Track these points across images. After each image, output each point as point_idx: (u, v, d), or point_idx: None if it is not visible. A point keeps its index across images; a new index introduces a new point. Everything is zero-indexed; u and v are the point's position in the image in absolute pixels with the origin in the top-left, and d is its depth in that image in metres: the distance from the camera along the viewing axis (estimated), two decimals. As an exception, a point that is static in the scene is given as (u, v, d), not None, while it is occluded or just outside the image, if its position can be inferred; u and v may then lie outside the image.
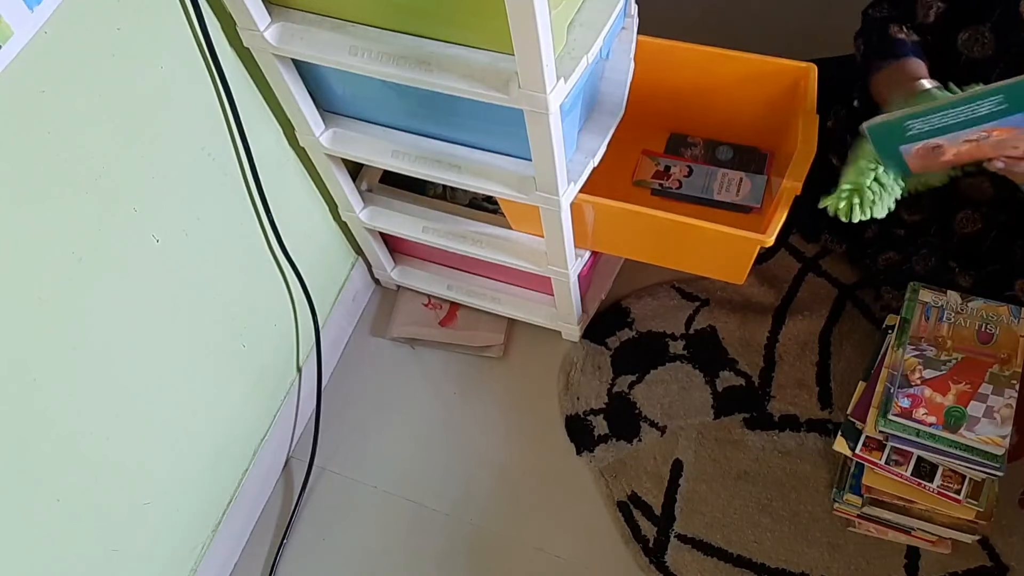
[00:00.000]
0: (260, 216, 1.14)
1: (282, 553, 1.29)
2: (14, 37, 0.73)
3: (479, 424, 1.36)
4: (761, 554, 1.21)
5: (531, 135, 0.92)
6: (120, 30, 0.85)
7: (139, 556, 1.10)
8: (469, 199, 1.30)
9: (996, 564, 1.16)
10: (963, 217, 1.19)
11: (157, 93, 0.92)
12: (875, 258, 1.30)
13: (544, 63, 0.80)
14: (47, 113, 0.79)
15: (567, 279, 1.21)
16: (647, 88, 1.18)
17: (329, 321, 1.39)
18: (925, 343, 1.07)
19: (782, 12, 1.64)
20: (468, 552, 1.27)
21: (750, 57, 1.15)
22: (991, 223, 1.17)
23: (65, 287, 0.87)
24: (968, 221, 1.19)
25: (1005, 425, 0.99)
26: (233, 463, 1.26)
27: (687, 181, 1.25)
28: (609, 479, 1.28)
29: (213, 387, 1.16)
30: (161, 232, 0.98)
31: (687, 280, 1.43)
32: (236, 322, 1.17)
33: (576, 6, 0.90)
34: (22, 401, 0.86)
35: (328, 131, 1.10)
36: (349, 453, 1.36)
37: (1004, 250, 1.17)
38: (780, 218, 1.03)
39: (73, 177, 0.85)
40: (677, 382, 1.35)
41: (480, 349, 1.42)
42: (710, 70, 1.18)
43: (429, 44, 0.90)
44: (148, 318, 1.00)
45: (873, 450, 1.06)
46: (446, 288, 1.41)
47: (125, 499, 1.05)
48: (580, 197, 1.06)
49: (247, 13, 0.91)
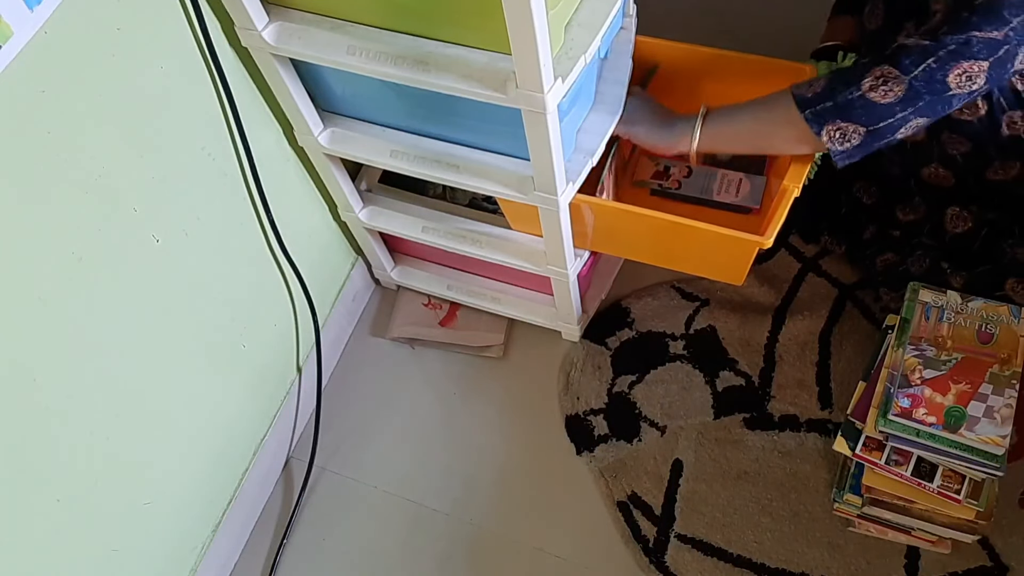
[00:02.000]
0: (260, 216, 1.14)
1: (282, 553, 1.29)
2: (14, 37, 0.73)
3: (479, 424, 1.37)
4: (761, 554, 1.20)
5: (529, 135, 0.92)
6: (120, 30, 0.85)
7: (139, 556, 1.10)
8: (469, 199, 1.30)
9: (996, 564, 1.16)
10: (952, 215, 1.19)
11: (157, 93, 0.92)
12: (873, 259, 1.30)
13: (542, 63, 0.81)
14: (47, 113, 0.80)
15: (566, 279, 1.21)
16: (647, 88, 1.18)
17: (329, 321, 1.40)
18: (925, 343, 1.07)
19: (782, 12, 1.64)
20: (468, 552, 1.27)
21: (750, 57, 1.15)
22: (980, 222, 1.18)
23: (65, 287, 0.87)
24: (958, 220, 1.19)
25: (1005, 425, 0.99)
26: (233, 463, 1.26)
27: (686, 182, 1.25)
28: (609, 479, 1.28)
29: (213, 387, 1.16)
30: (161, 232, 0.98)
31: (687, 280, 1.42)
32: (236, 322, 1.17)
33: (574, 6, 0.90)
34: (22, 401, 0.86)
35: (327, 131, 1.10)
36: (349, 453, 1.37)
37: (994, 250, 1.17)
38: (779, 220, 1.03)
39: (73, 177, 0.85)
40: (677, 382, 1.35)
41: (480, 349, 1.42)
42: (710, 70, 1.18)
43: (427, 44, 0.90)
44: (148, 318, 1.01)
45: (873, 450, 1.06)
46: (446, 288, 1.41)
47: (125, 499, 1.05)
48: (578, 197, 1.06)
49: (245, 13, 0.91)
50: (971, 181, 1.15)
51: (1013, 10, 0.88)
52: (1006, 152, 1.10)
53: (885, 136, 0.98)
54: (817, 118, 0.98)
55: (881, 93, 0.94)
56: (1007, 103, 1.04)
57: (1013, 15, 0.89)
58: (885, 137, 0.98)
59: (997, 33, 0.89)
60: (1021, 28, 0.89)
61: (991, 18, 0.89)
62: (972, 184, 1.16)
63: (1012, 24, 0.89)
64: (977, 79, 0.92)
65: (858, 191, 1.31)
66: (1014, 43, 0.90)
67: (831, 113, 0.97)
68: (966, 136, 1.10)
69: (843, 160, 1.01)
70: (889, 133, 0.97)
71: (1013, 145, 1.08)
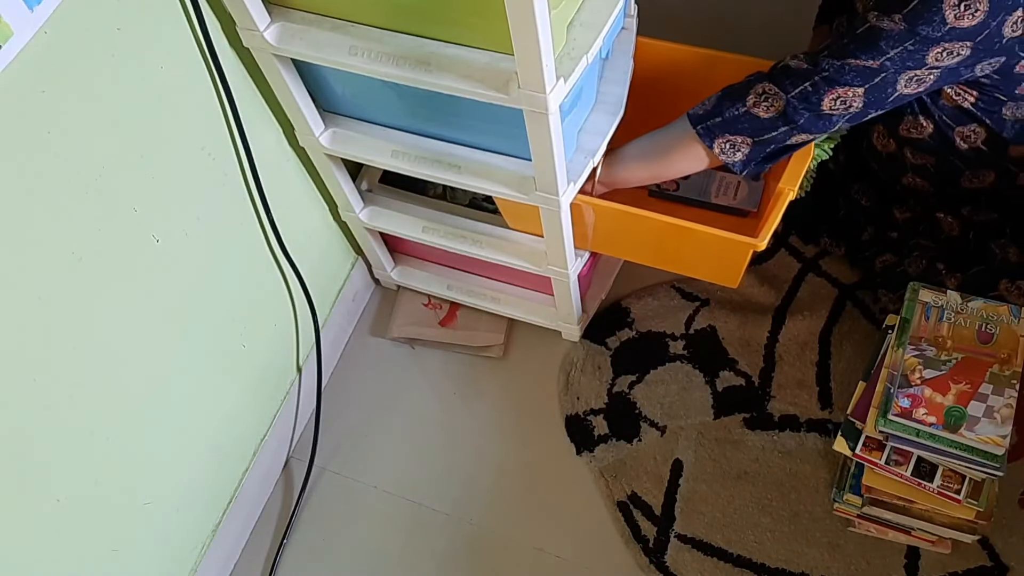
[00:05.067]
0: (260, 216, 1.14)
1: (282, 553, 1.29)
2: (14, 37, 0.73)
3: (479, 424, 1.36)
4: (761, 554, 1.21)
5: (531, 135, 0.92)
6: (120, 30, 0.85)
7: (139, 556, 1.10)
8: (469, 199, 1.30)
9: (996, 564, 1.16)
10: (942, 219, 1.20)
11: (157, 93, 0.92)
12: (872, 260, 1.30)
13: (544, 63, 0.80)
14: (47, 113, 0.79)
15: (567, 279, 1.21)
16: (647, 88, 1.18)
17: (329, 321, 1.39)
18: (925, 343, 1.07)
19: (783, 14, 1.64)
20: (468, 552, 1.27)
21: (750, 60, 1.14)
22: (969, 224, 1.18)
23: (65, 287, 0.87)
24: (947, 224, 1.20)
25: (1005, 425, 0.99)
26: (233, 463, 1.26)
27: (684, 183, 1.25)
28: (609, 479, 1.28)
29: (213, 387, 1.16)
30: (161, 232, 0.98)
31: (687, 280, 1.43)
32: (236, 322, 1.17)
33: (576, 6, 0.90)
34: (22, 401, 0.86)
35: (328, 131, 1.10)
36: (349, 453, 1.37)
37: (986, 251, 1.18)
38: (773, 222, 1.03)
39: (73, 177, 0.85)
40: (677, 382, 1.35)
41: (480, 349, 1.42)
42: (710, 72, 1.18)
43: (429, 44, 0.90)
44: (148, 318, 1.00)
45: (873, 450, 1.06)
46: (446, 288, 1.41)
47: (125, 499, 1.05)
48: (579, 198, 1.06)
49: (247, 13, 0.91)
50: (949, 190, 1.16)
51: (890, 43, 0.91)
52: (972, 163, 1.11)
53: (771, 146, 1.02)
54: (708, 132, 1.03)
55: (763, 108, 0.99)
56: (950, 119, 1.06)
57: (890, 47, 0.91)
58: (771, 147, 1.02)
59: (872, 62, 0.92)
60: (898, 59, 0.91)
61: (868, 48, 0.92)
62: (951, 192, 1.16)
63: (889, 55, 0.91)
64: (853, 103, 0.96)
65: (856, 193, 1.31)
66: (891, 71, 0.93)
67: (720, 127, 1.02)
68: (926, 151, 1.11)
69: (741, 168, 1.05)
70: (774, 144, 1.01)
71: (977, 156, 1.09)
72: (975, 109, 1.04)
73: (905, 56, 0.91)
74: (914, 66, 0.92)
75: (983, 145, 1.07)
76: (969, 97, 1.03)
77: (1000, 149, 1.08)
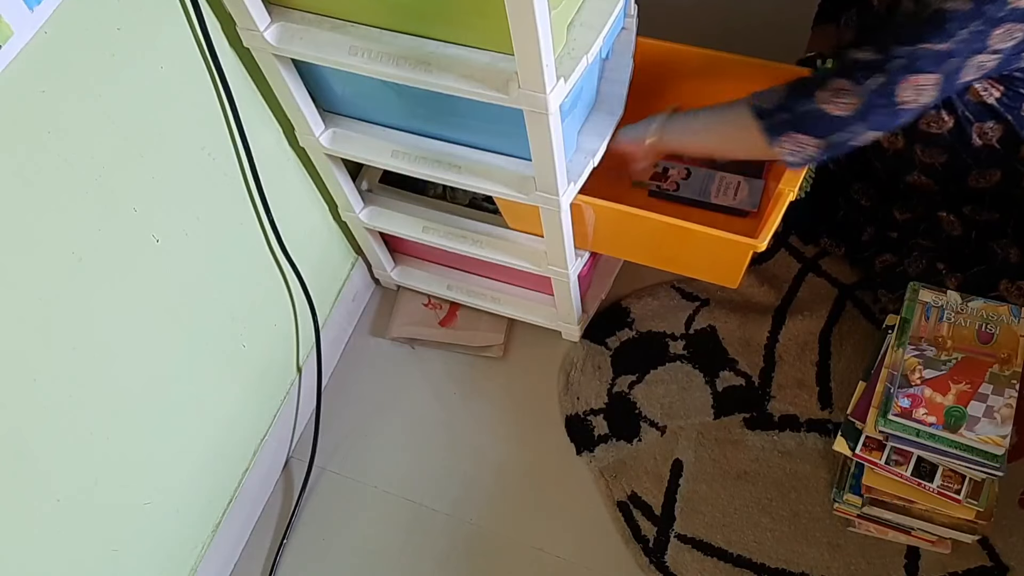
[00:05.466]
0: (260, 216, 1.14)
1: (282, 553, 1.29)
2: (14, 37, 0.73)
3: (479, 424, 1.36)
4: (761, 554, 1.21)
5: (531, 135, 0.92)
6: (120, 30, 0.85)
7: (139, 556, 1.10)
8: (469, 199, 1.30)
9: (996, 564, 1.16)
10: (943, 219, 1.20)
11: (157, 93, 0.92)
12: (872, 261, 1.30)
13: (544, 63, 0.81)
14: (47, 113, 0.79)
15: (567, 279, 1.21)
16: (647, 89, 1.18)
17: (329, 321, 1.39)
18: (925, 343, 1.07)
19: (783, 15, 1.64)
20: (468, 552, 1.27)
21: (750, 60, 1.15)
22: (971, 224, 1.18)
23: (65, 287, 0.87)
24: (949, 223, 1.20)
25: (1005, 425, 0.99)
26: (233, 463, 1.26)
27: (685, 183, 1.25)
28: (609, 479, 1.28)
29: (213, 387, 1.16)
30: (161, 232, 0.98)
31: (687, 280, 1.43)
32: (236, 322, 1.17)
33: (576, 6, 0.90)
34: (22, 401, 0.86)
35: (328, 131, 1.10)
36: (349, 453, 1.37)
37: (987, 251, 1.18)
38: (773, 223, 1.03)
39: (73, 177, 0.85)
40: (677, 382, 1.35)
41: (480, 349, 1.42)
42: (710, 72, 1.18)
43: (429, 44, 0.90)
44: (148, 318, 1.00)
45: (873, 450, 1.06)
46: (446, 288, 1.41)
47: (125, 499, 1.05)
48: (579, 198, 1.06)
49: (247, 13, 0.91)
50: (953, 189, 1.16)
51: (958, 23, 0.90)
52: (982, 161, 1.11)
53: (837, 149, 0.99)
54: (773, 129, 0.99)
55: (836, 106, 0.95)
56: (973, 115, 1.06)
57: (958, 28, 0.90)
58: (838, 149, 0.99)
59: (943, 45, 0.91)
60: (966, 41, 0.91)
61: (938, 31, 0.90)
62: (955, 191, 1.16)
63: (957, 37, 0.90)
64: (925, 91, 0.93)
65: (856, 193, 1.31)
66: (960, 56, 0.92)
67: (787, 125, 0.98)
68: (939, 148, 1.11)
69: (795, 167, 1.03)
70: (841, 145, 0.98)
71: (989, 154, 1.09)
72: (999, 104, 1.03)
73: (971, 38, 0.90)
74: (979, 49, 0.91)
75: (997, 143, 1.07)
76: (995, 92, 1.02)
77: (1013, 148, 1.08)
